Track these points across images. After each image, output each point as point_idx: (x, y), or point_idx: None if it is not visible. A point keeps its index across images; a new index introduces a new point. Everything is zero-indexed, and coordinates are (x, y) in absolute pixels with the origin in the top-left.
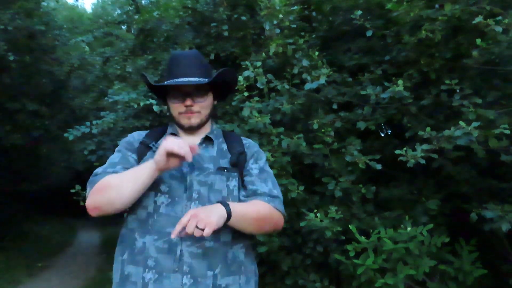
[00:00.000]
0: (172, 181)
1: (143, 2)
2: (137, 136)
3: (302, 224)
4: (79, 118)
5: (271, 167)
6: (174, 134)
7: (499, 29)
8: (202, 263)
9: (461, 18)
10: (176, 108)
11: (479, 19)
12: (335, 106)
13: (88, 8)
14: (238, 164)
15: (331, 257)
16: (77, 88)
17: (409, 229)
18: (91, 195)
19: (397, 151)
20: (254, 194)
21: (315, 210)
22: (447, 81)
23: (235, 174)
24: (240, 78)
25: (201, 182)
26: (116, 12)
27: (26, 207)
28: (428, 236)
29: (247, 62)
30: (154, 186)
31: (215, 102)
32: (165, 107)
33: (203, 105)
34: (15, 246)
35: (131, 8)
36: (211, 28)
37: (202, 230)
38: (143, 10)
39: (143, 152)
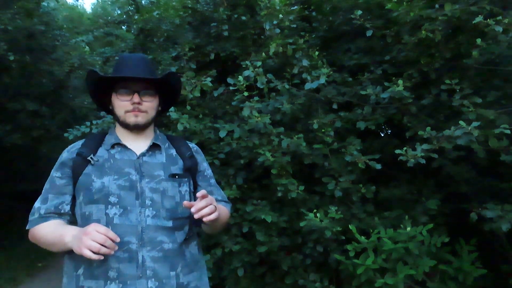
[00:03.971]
0: (121, 191)
1: (143, 2)
2: (71, 149)
3: (302, 224)
4: (79, 118)
5: (271, 167)
6: (117, 143)
7: (499, 29)
8: (164, 265)
9: (461, 18)
10: (123, 106)
11: (479, 19)
12: (335, 106)
13: (88, 8)
14: (191, 169)
15: (331, 257)
16: (77, 88)
17: (409, 229)
18: (29, 234)
19: (397, 151)
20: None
21: (315, 210)
22: (447, 81)
23: (186, 179)
24: (240, 78)
25: (153, 189)
26: (116, 12)
27: (26, 207)
28: (428, 236)
29: (247, 62)
30: (103, 199)
31: (160, 108)
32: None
33: (150, 106)
34: (15, 246)
35: (131, 8)
36: (211, 28)
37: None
38: (143, 10)
39: (80, 165)
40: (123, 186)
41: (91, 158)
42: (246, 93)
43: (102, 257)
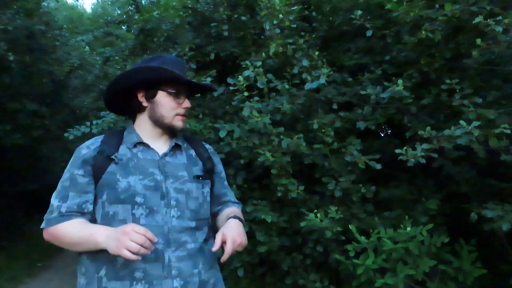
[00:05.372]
0: (147, 191)
1: (143, 2)
2: (92, 146)
3: (302, 224)
4: (79, 118)
5: (271, 167)
6: (140, 142)
7: (499, 29)
8: (188, 264)
9: (461, 18)
10: (174, 108)
11: (479, 19)
12: (335, 106)
13: (88, 8)
14: (210, 171)
15: (331, 257)
16: (77, 88)
17: (409, 229)
18: (45, 232)
19: (397, 151)
20: (227, 202)
21: (315, 210)
22: (447, 81)
23: (208, 181)
24: (240, 78)
25: (178, 190)
26: (116, 12)
27: (26, 207)
28: (428, 236)
29: (247, 62)
30: (129, 199)
31: None
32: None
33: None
34: (15, 246)
35: (131, 8)
36: (211, 28)
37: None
38: (143, 10)
39: (102, 164)
40: (148, 186)
41: (115, 156)
42: (246, 93)
43: (140, 258)
